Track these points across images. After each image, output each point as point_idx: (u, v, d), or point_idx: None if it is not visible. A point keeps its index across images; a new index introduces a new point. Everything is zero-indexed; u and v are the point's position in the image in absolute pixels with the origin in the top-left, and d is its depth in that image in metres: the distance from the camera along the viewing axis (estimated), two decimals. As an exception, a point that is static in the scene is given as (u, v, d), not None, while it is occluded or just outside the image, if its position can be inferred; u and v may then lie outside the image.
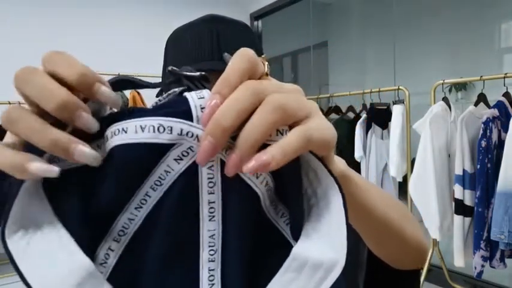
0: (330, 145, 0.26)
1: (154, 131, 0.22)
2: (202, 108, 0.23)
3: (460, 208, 1.99)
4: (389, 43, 3.44)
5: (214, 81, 0.24)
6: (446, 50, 3.31)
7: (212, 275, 0.25)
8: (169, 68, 0.29)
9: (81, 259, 0.22)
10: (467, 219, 1.99)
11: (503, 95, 1.92)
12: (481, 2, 3.10)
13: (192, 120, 0.23)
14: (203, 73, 0.28)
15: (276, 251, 0.26)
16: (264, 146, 0.23)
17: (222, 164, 0.24)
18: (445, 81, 2.18)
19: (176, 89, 0.29)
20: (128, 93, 3.17)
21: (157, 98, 0.30)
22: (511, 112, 1.89)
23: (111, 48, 3.57)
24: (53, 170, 0.22)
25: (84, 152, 0.22)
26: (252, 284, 0.26)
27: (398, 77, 3.32)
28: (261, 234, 0.27)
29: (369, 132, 2.57)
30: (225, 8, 4.02)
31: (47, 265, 0.22)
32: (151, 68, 2.64)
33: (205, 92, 0.24)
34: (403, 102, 2.40)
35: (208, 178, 0.24)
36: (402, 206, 0.48)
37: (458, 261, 2.02)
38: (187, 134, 0.23)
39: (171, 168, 0.24)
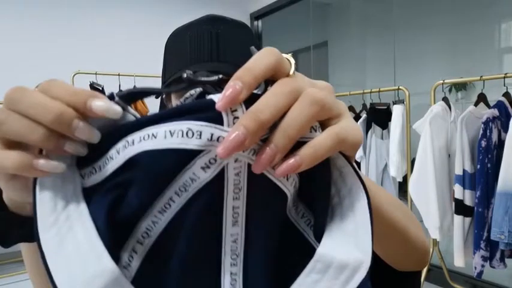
0: (358, 144, 0.26)
1: (183, 136, 0.22)
2: (233, 111, 0.22)
3: (460, 208, 1.99)
4: (389, 43, 3.44)
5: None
6: (446, 50, 3.31)
7: (234, 279, 0.25)
8: (185, 74, 0.28)
9: (108, 263, 0.22)
10: (467, 219, 1.99)
11: (503, 95, 1.92)
12: (481, 2, 3.10)
13: (222, 125, 0.22)
14: (220, 76, 0.27)
15: (298, 253, 0.26)
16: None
17: (249, 168, 0.23)
18: (445, 81, 2.18)
19: (193, 91, 0.28)
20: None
21: (179, 100, 0.29)
22: (511, 112, 1.89)
23: (111, 48, 3.57)
24: (60, 166, 0.23)
25: (72, 148, 0.23)
26: (274, 285, 0.25)
27: (398, 77, 3.31)
28: (283, 236, 0.26)
29: (369, 132, 2.57)
30: (225, 8, 4.01)
31: (75, 266, 0.22)
32: (151, 68, 2.64)
33: None
34: (403, 102, 2.39)
35: (235, 184, 0.24)
36: (406, 208, 0.48)
37: (458, 261, 2.02)
38: (218, 139, 0.22)
39: (196, 176, 0.23)
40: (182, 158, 0.22)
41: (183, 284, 0.25)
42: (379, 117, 2.58)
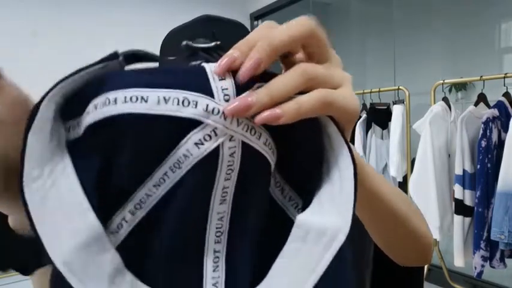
0: (352, 114, 0.26)
1: (178, 104, 0.22)
2: (223, 89, 0.23)
3: (460, 208, 1.99)
4: (389, 43, 3.44)
5: None
6: (446, 50, 3.31)
7: (217, 257, 0.25)
8: (184, 42, 0.29)
9: (92, 220, 0.22)
10: (467, 219, 1.99)
11: (503, 95, 1.92)
12: (481, 2, 3.09)
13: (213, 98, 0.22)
14: (218, 42, 0.28)
15: (282, 232, 0.26)
16: None
17: (243, 148, 0.23)
18: (445, 81, 2.18)
19: (195, 63, 0.28)
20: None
21: None
22: (511, 112, 1.89)
23: (111, 48, 3.56)
24: None
25: None
26: (258, 265, 0.25)
27: (398, 77, 3.31)
28: (268, 215, 0.27)
29: (369, 132, 2.57)
30: (225, 7, 4.02)
31: (58, 219, 0.22)
32: (151, 68, 2.63)
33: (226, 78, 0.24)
34: (403, 102, 2.39)
35: (228, 165, 0.24)
36: (407, 198, 0.48)
37: (458, 261, 2.02)
38: (212, 110, 0.22)
39: (190, 153, 0.23)
40: (177, 127, 0.22)
41: (166, 260, 0.25)
42: (379, 117, 2.58)
